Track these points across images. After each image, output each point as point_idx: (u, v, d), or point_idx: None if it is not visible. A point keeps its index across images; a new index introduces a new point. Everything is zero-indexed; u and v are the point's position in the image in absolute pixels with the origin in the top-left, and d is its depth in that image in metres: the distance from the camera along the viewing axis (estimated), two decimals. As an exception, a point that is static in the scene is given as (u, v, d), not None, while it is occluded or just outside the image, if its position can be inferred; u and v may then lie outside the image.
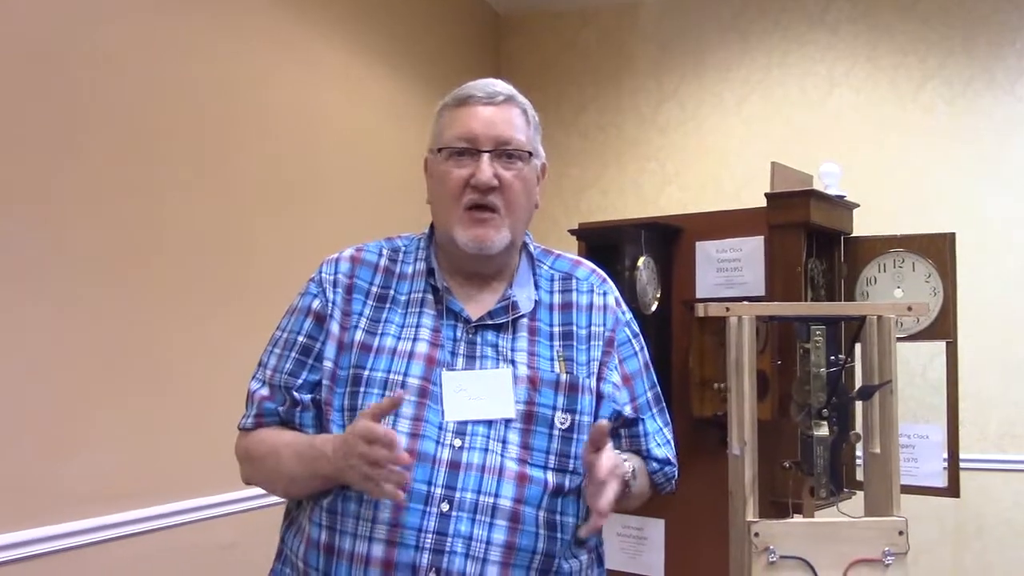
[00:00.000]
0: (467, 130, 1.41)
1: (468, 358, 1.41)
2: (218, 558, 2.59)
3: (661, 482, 1.55)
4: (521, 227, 1.48)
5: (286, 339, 1.48)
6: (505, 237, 1.42)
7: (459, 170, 1.41)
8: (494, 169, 1.40)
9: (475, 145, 1.41)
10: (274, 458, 1.41)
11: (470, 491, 1.32)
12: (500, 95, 1.44)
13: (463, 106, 1.44)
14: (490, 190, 1.40)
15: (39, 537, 2.08)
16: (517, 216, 1.44)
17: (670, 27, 4.25)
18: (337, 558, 1.34)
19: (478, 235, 1.41)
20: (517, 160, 1.43)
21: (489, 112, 1.42)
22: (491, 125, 1.41)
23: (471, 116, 1.42)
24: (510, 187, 1.42)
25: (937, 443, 2.49)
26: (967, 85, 3.73)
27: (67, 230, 2.19)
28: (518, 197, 1.43)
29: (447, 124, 1.45)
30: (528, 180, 1.46)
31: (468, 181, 1.40)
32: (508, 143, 1.42)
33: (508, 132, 1.42)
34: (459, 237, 1.41)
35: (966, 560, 3.53)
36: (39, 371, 2.11)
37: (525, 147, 1.44)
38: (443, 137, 1.45)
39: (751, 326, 1.66)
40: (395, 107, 3.61)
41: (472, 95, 1.44)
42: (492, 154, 1.41)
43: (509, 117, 1.44)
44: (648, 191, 4.23)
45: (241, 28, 2.78)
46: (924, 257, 2.53)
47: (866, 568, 1.55)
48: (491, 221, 1.41)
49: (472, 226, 1.41)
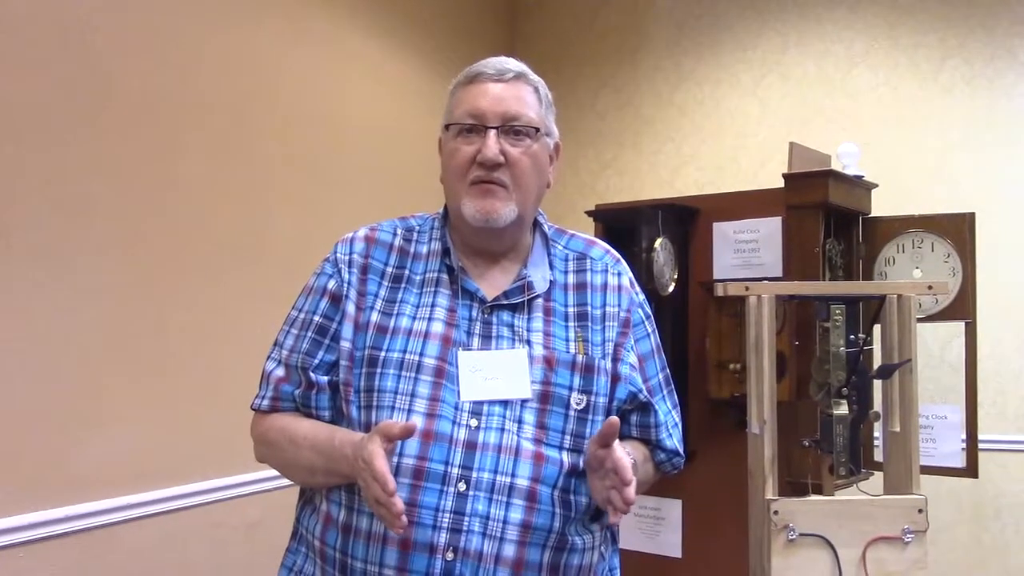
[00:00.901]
0: (475, 106, 1.41)
1: (484, 338, 1.41)
2: (243, 536, 2.62)
3: (668, 470, 1.56)
4: (531, 203, 1.47)
5: (302, 319, 1.47)
6: (512, 211, 1.41)
7: (467, 146, 1.41)
8: (501, 145, 1.40)
9: (482, 121, 1.40)
10: (293, 448, 1.42)
11: (487, 471, 1.33)
12: (510, 72, 1.44)
13: (473, 83, 1.44)
14: (496, 166, 1.40)
15: (60, 517, 2.12)
16: (525, 192, 1.43)
17: (687, 6, 4.22)
18: (354, 537, 1.35)
19: (484, 207, 1.40)
20: (525, 137, 1.42)
21: (498, 89, 1.42)
22: (499, 101, 1.41)
23: (480, 93, 1.42)
24: (517, 163, 1.41)
25: (955, 423, 2.49)
26: (987, 64, 3.69)
27: (84, 214, 2.21)
28: (526, 173, 1.42)
29: (457, 101, 1.45)
30: (537, 157, 1.44)
31: (475, 157, 1.40)
32: (516, 119, 1.41)
33: (516, 108, 1.42)
34: (466, 210, 1.41)
35: (984, 540, 3.52)
36: (62, 353, 2.14)
37: (533, 123, 1.43)
38: (453, 114, 1.45)
39: (770, 306, 1.66)
40: (411, 89, 3.61)
41: (482, 72, 1.44)
42: (499, 130, 1.40)
43: (519, 94, 1.43)
44: (665, 172, 4.21)
45: (259, 12, 2.79)
46: (943, 237, 2.52)
47: (885, 546, 1.56)
48: (497, 193, 1.40)
49: (478, 197, 1.40)
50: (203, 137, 2.57)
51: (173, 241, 2.46)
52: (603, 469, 1.28)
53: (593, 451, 1.30)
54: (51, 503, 2.10)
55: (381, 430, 1.24)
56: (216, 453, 2.54)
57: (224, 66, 2.65)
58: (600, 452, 1.28)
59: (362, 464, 1.24)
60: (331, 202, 3.08)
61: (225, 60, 2.66)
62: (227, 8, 2.66)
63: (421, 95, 3.64)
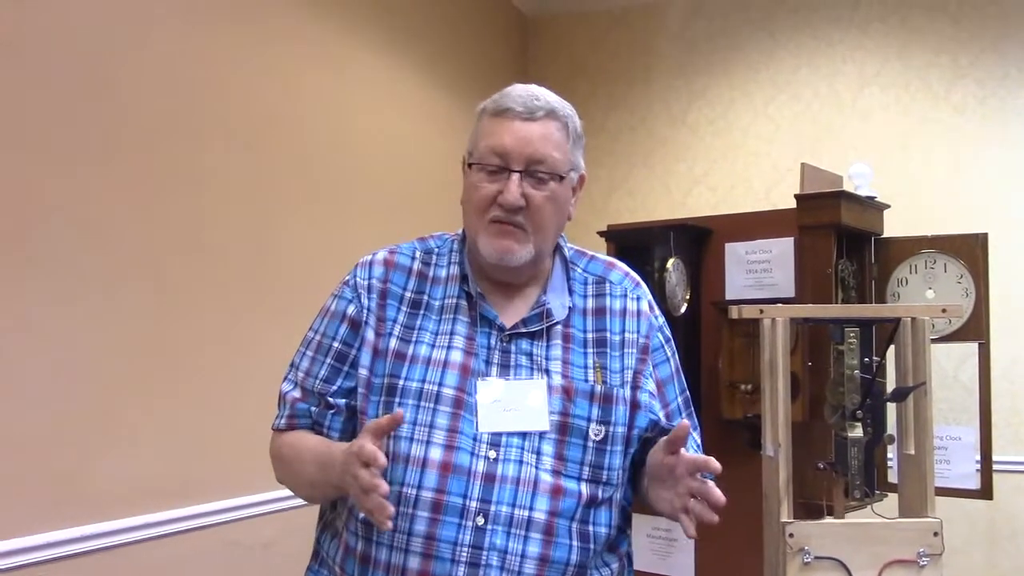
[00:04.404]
0: (500, 145, 1.38)
1: (502, 367, 1.40)
2: (256, 557, 2.62)
3: None
4: (549, 243, 1.45)
5: (319, 343, 1.47)
6: (528, 252, 1.40)
7: (489, 184, 1.39)
8: (523, 189, 1.37)
9: (506, 162, 1.37)
10: (299, 463, 1.43)
11: (505, 504, 1.32)
12: (540, 110, 1.39)
13: (500, 117, 1.40)
14: (517, 210, 1.38)
15: (77, 536, 2.12)
16: (543, 233, 1.42)
17: (698, 26, 4.25)
18: (373, 568, 1.35)
19: (500, 247, 1.39)
20: (549, 180, 1.39)
21: (525, 130, 1.38)
22: (525, 143, 1.37)
23: (506, 130, 1.38)
24: (539, 209, 1.39)
25: (970, 445, 2.48)
26: (999, 84, 3.70)
27: (100, 233, 2.23)
28: (547, 218, 1.40)
29: (483, 133, 1.42)
30: (559, 198, 1.42)
31: (496, 197, 1.38)
32: (541, 162, 1.38)
33: (542, 151, 1.38)
34: (483, 247, 1.40)
35: (1000, 562, 3.50)
36: (78, 372, 2.16)
37: (558, 168, 1.40)
38: (478, 146, 1.42)
39: (785, 328, 1.66)
40: (423, 108, 3.64)
41: (510, 108, 1.39)
42: (523, 173, 1.38)
43: (547, 133, 1.39)
44: (677, 192, 4.23)
45: (272, 33, 2.82)
46: (956, 258, 2.52)
47: (901, 569, 1.55)
48: (515, 234, 1.39)
49: (495, 237, 1.39)
50: (220, 158, 2.60)
51: (190, 262, 2.48)
52: (673, 478, 1.26)
53: (660, 459, 1.28)
54: (67, 523, 2.10)
55: (369, 428, 1.24)
56: (231, 473, 2.55)
57: (243, 88, 2.68)
58: (669, 459, 1.26)
59: (352, 455, 1.22)
60: (346, 222, 3.10)
61: (244, 82, 2.68)
62: (245, 32, 2.70)
63: (435, 115, 3.67)
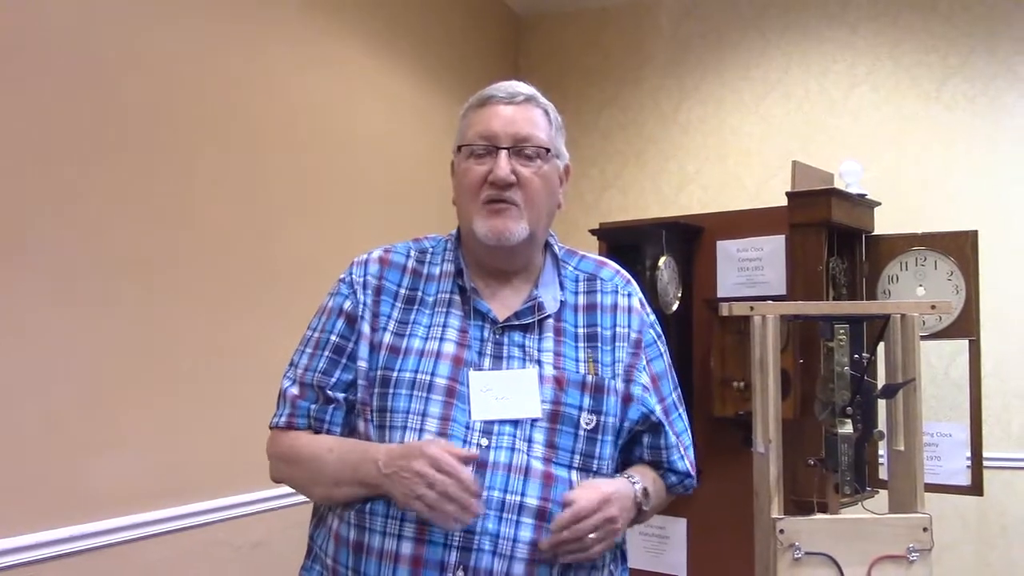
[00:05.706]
0: (487, 128, 1.44)
1: (495, 358, 1.42)
2: (248, 556, 2.62)
3: (680, 492, 1.57)
4: (542, 223, 1.49)
5: (318, 338, 1.49)
6: (523, 229, 1.44)
7: (479, 167, 1.44)
8: (512, 166, 1.43)
9: (494, 143, 1.43)
10: (317, 462, 1.42)
11: (497, 490, 1.34)
12: (521, 95, 1.47)
13: (484, 106, 1.47)
14: (508, 186, 1.42)
15: (68, 536, 2.11)
16: (537, 211, 1.46)
17: (690, 25, 4.26)
18: (366, 555, 1.36)
19: (496, 226, 1.42)
20: (536, 158, 1.45)
21: (509, 111, 1.45)
22: (510, 123, 1.44)
23: (491, 115, 1.45)
24: (529, 183, 1.44)
25: (960, 441, 2.50)
26: (989, 82, 3.71)
27: (95, 232, 2.22)
28: (537, 192, 1.45)
29: (469, 124, 1.48)
30: (548, 177, 1.48)
31: (487, 177, 1.43)
32: (526, 140, 1.44)
33: (527, 130, 1.44)
34: (478, 229, 1.43)
35: (990, 558, 3.51)
36: (70, 370, 2.15)
37: (543, 144, 1.46)
38: (465, 136, 1.48)
39: (775, 325, 1.67)
40: (420, 108, 3.64)
41: (493, 95, 1.47)
42: (511, 151, 1.43)
43: (529, 116, 1.46)
44: (668, 190, 4.23)
45: (267, 33, 2.81)
46: (946, 255, 2.53)
47: (891, 564, 1.56)
48: (509, 212, 1.43)
49: (490, 217, 1.43)
50: (216, 158, 2.59)
51: (185, 261, 2.47)
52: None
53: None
54: (58, 523, 2.09)
55: (442, 445, 1.28)
56: (223, 472, 2.54)
57: (237, 88, 2.67)
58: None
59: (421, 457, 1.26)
60: (341, 222, 3.09)
61: (238, 82, 2.68)
62: (241, 31, 2.69)
63: (429, 115, 3.66)
